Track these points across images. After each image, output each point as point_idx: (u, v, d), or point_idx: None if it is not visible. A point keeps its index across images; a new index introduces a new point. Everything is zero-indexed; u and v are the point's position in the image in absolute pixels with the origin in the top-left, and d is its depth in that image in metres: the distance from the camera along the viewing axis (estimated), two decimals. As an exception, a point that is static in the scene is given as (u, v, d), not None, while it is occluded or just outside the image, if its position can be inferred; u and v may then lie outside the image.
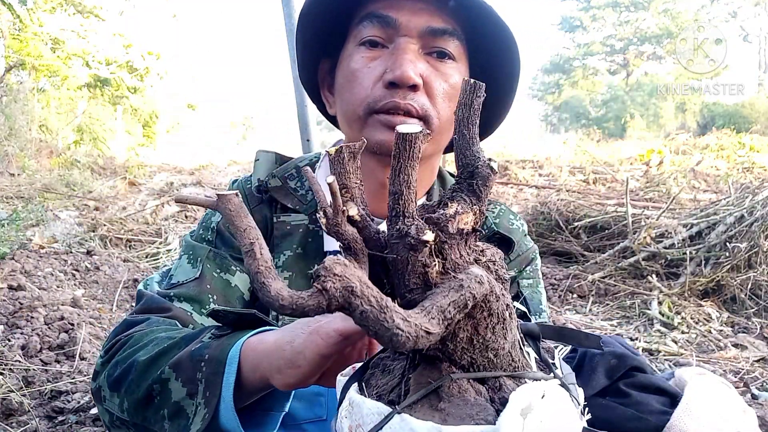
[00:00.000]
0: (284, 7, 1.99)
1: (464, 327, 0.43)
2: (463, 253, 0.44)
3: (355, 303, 0.38)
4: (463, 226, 0.44)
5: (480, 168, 0.45)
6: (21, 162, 8.57)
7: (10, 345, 2.36)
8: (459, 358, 0.45)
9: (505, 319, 0.45)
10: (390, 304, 0.38)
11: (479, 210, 0.45)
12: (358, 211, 0.46)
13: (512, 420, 0.38)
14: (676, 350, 2.77)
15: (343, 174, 0.48)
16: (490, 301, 0.43)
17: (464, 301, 0.39)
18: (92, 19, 12.94)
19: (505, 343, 0.45)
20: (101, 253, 4.24)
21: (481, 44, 0.93)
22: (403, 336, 0.36)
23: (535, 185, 7.54)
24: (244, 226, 0.43)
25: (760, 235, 3.46)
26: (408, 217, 0.44)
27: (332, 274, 0.38)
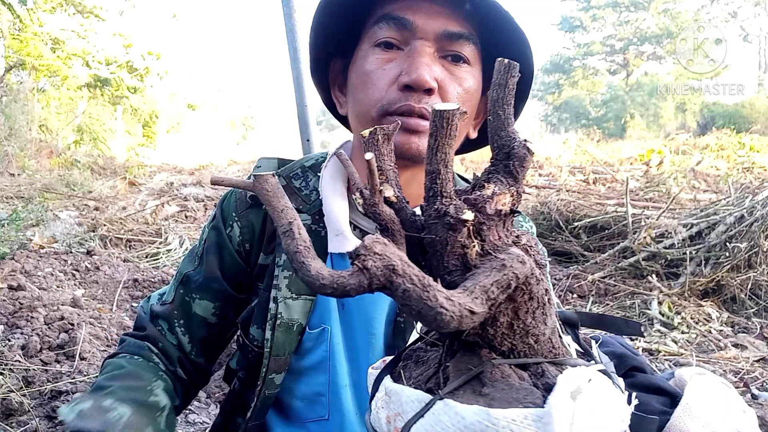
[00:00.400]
0: (284, 7, 1.98)
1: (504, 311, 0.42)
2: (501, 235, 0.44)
3: (397, 282, 0.37)
4: (501, 207, 0.43)
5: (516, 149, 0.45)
6: (21, 162, 8.57)
7: (10, 345, 2.36)
8: (499, 344, 0.44)
9: (544, 304, 0.44)
10: (432, 283, 0.37)
11: (516, 191, 0.44)
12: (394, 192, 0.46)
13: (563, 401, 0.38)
14: (676, 350, 2.77)
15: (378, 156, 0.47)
16: (531, 284, 0.42)
17: (507, 281, 0.38)
18: (92, 19, 12.94)
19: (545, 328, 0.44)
20: (101, 253, 4.24)
21: (497, 50, 0.91)
22: (448, 315, 0.35)
23: (535, 185, 7.54)
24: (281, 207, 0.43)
25: (760, 235, 3.46)
26: (446, 197, 0.43)
27: (372, 253, 0.37)
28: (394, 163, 0.49)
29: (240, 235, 0.99)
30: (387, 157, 0.48)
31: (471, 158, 9.81)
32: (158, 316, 1.02)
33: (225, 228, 1.00)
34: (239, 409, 1.02)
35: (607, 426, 0.39)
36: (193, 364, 1.02)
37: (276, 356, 0.92)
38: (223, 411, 1.07)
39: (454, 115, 0.42)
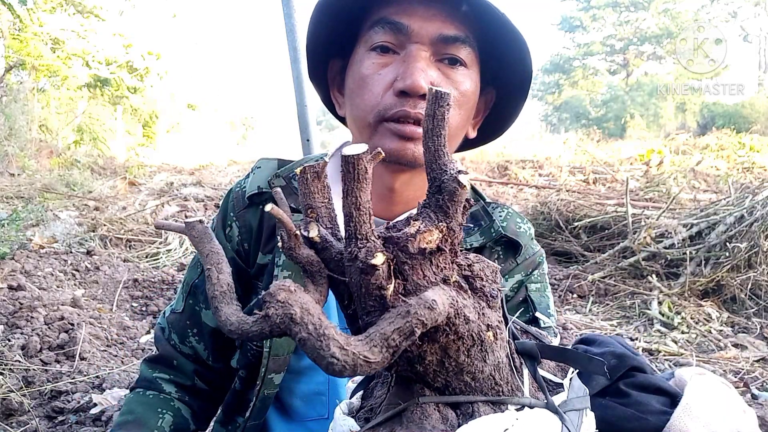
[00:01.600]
0: (284, 7, 1.98)
1: (430, 349, 0.41)
2: (427, 273, 0.42)
3: (294, 330, 0.38)
4: (426, 246, 0.41)
5: (446, 182, 0.43)
6: (21, 162, 8.57)
7: (10, 345, 2.36)
8: (432, 380, 0.43)
9: (483, 341, 0.42)
10: (329, 331, 0.37)
11: (447, 227, 0.42)
12: (318, 232, 0.45)
13: None
14: (676, 350, 2.77)
15: (308, 194, 0.47)
16: (456, 324, 0.41)
17: (410, 329, 0.37)
18: (92, 19, 12.93)
19: (484, 366, 0.43)
20: (101, 253, 4.24)
21: (494, 51, 0.92)
22: (339, 365, 0.36)
23: (535, 185, 7.54)
24: (206, 252, 0.44)
25: (760, 235, 3.46)
26: (360, 239, 0.42)
27: (275, 301, 0.39)
28: (327, 200, 0.48)
29: (239, 235, 0.99)
30: (318, 194, 0.47)
31: (471, 158, 9.82)
32: (171, 328, 1.04)
33: (224, 229, 1.01)
34: (239, 408, 1.02)
35: None
36: (212, 370, 1.03)
37: (275, 356, 0.93)
38: (224, 410, 1.07)
39: (359, 159, 0.42)
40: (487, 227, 0.99)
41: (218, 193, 7.19)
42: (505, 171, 9.09)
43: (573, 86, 31.35)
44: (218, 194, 7.10)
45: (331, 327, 0.38)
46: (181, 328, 1.02)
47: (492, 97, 1.02)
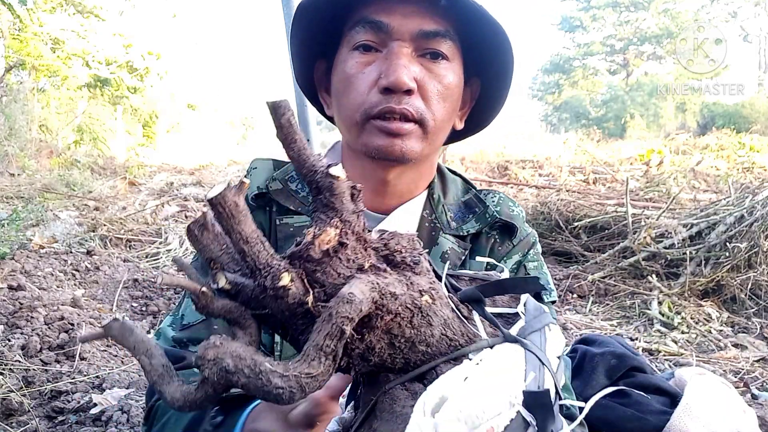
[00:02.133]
0: (284, 7, 1.98)
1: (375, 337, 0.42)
2: (340, 271, 0.42)
3: (233, 380, 0.38)
4: (327, 246, 0.42)
5: (320, 180, 0.43)
6: (21, 162, 8.57)
7: (10, 345, 2.36)
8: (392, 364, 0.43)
9: (421, 306, 0.43)
10: (265, 367, 0.38)
11: (340, 220, 0.42)
12: (226, 279, 0.45)
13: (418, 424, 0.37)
14: (676, 350, 2.77)
15: (203, 249, 0.46)
16: (385, 304, 0.41)
17: (338, 329, 0.37)
18: (92, 19, 12.93)
19: (432, 329, 0.43)
20: (101, 253, 4.24)
21: (474, 42, 0.94)
22: (286, 392, 0.37)
23: (535, 185, 7.54)
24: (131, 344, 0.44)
25: (760, 235, 3.46)
26: (262, 269, 0.42)
27: (206, 360, 0.39)
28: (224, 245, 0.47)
29: None
30: (213, 244, 0.46)
31: (471, 158, 9.82)
32: (189, 341, 0.94)
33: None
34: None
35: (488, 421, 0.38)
36: None
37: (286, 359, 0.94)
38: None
39: (225, 198, 0.42)
40: (482, 213, 1.03)
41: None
42: (505, 171, 9.09)
43: (573, 86, 31.35)
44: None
45: (265, 362, 0.38)
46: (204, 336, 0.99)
47: (477, 87, 1.03)
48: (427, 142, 0.91)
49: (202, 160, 11.93)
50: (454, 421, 0.37)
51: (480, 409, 0.38)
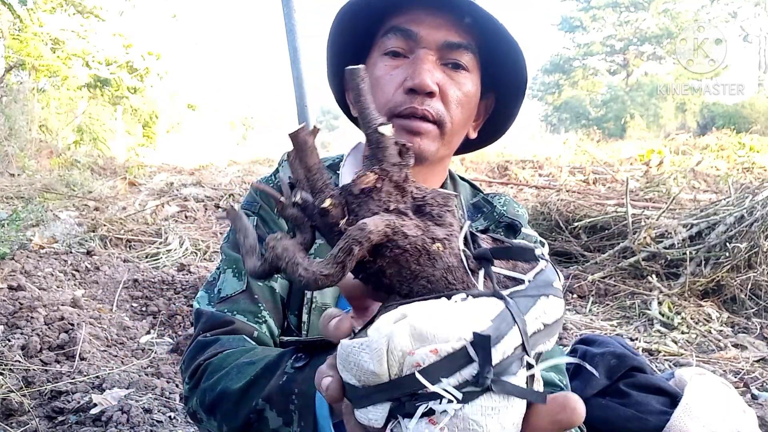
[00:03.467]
0: (284, 7, 1.99)
1: (386, 263, 0.53)
2: (372, 207, 0.53)
3: (280, 264, 0.53)
4: (365, 185, 0.53)
5: (371, 134, 0.54)
6: (21, 162, 8.57)
7: (10, 345, 2.36)
8: (399, 289, 0.54)
9: (428, 251, 0.53)
10: (298, 260, 0.52)
11: (380, 168, 0.53)
12: (300, 195, 0.58)
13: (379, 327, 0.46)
14: (676, 350, 2.77)
15: (293, 171, 0.60)
16: (395, 239, 0.51)
17: (348, 246, 0.49)
18: (92, 19, 12.94)
19: (434, 270, 0.53)
20: (101, 253, 4.24)
21: (493, 57, 1.02)
22: (304, 280, 0.50)
23: (535, 185, 7.55)
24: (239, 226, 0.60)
25: (760, 235, 3.46)
26: (317, 193, 0.56)
27: (268, 246, 0.54)
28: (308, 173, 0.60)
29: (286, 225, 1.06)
30: (300, 169, 0.60)
31: (471, 158, 9.82)
32: (232, 310, 0.97)
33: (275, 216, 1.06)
34: None
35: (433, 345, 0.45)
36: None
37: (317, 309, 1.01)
38: None
39: (298, 134, 0.56)
40: (490, 212, 1.13)
41: (218, 193, 7.20)
42: (505, 171, 9.09)
43: (573, 86, 31.35)
44: (218, 194, 7.10)
45: (299, 256, 0.52)
46: (248, 306, 0.98)
47: (492, 102, 1.12)
48: (443, 143, 0.99)
49: (202, 160, 11.93)
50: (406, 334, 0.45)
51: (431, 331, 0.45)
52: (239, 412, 0.80)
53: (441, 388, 0.45)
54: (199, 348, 0.93)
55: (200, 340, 0.94)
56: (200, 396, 0.86)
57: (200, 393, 0.86)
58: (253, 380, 0.80)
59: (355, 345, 0.48)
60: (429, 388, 0.45)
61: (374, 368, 0.46)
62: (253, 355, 0.86)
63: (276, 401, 0.76)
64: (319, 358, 0.75)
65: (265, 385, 0.78)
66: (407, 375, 0.46)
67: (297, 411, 0.74)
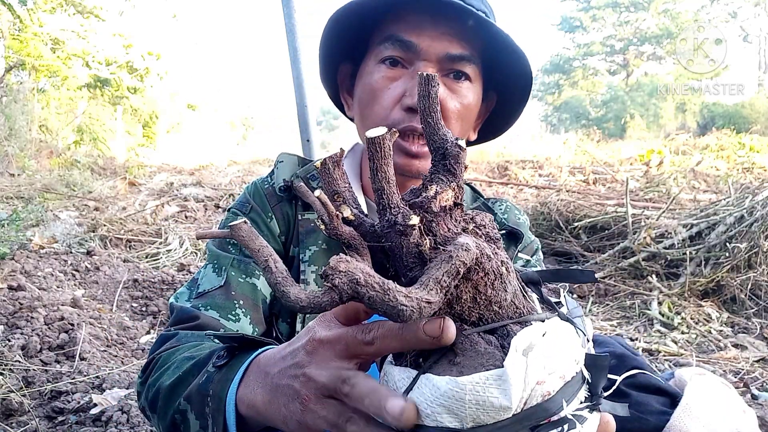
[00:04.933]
0: (284, 7, 1.98)
1: (465, 289, 0.49)
2: (450, 226, 0.50)
3: (362, 292, 0.44)
4: (445, 203, 0.49)
5: (450, 148, 0.50)
6: (21, 162, 8.57)
7: (10, 345, 2.36)
8: (468, 316, 0.50)
9: (501, 274, 0.50)
10: (392, 285, 0.44)
11: (456, 185, 0.50)
12: (351, 211, 0.52)
13: (515, 359, 0.44)
14: (676, 350, 2.77)
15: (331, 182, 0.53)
16: (482, 262, 0.48)
17: (456, 269, 0.45)
18: (92, 20, 12.93)
19: (506, 294, 0.50)
20: (101, 253, 4.24)
21: (496, 63, 1.00)
22: (408, 310, 0.43)
23: (535, 185, 7.54)
24: (257, 247, 0.50)
25: (760, 235, 3.46)
26: (393, 208, 0.49)
27: (338, 272, 0.44)
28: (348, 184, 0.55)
29: (278, 228, 1.03)
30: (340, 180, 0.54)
31: (471, 158, 9.81)
32: (203, 306, 0.94)
33: (266, 219, 1.03)
34: None
35: (560, 370, 0.45)
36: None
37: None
38: None
39: (383, 139, 0.49)
40: None
41: (218, 193, 7.19)
42: (505, 171, 9.09)
43: (573, 86, 31.34)
44: (218, 194, 7.10)
45: (391, 282, 0.44)
46: (222, 302, 0.94)
47: (493, 102, 1.09)
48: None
49: (202, 160, 11.93)
50: (539, 365, 0.44)
51: (556, 360, 0.45)
52: (168, 410, 0.76)
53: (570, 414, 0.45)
54: (159, 342, 0.90)
55: (162, 334, 0.92)
56: (146, 392, 0.83)
57: (146, 389, 0.83)
58: (182, 377, 0.76)
59: (479, 380, 0.43)
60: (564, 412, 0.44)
61: (508, 403, 0.43)
62: (197, 350, 0.82)
63: (194, 402, 0.72)
64: (239, 357, 0.69)
65: (190, 382, 0.74)
66: (534, 406, 0.44)
67: (211, 415, 0.69)
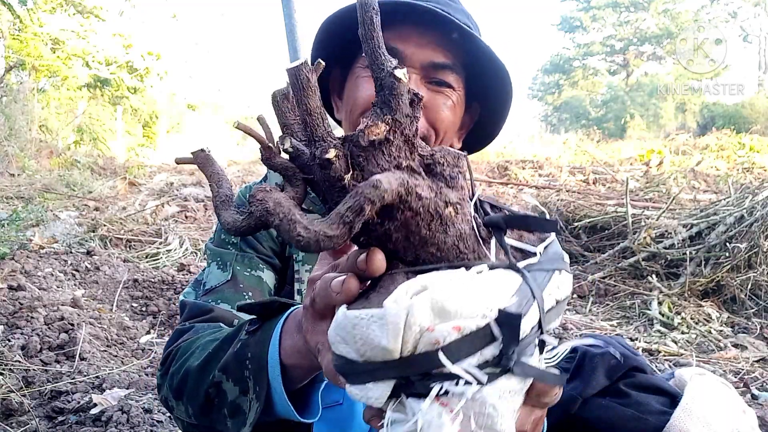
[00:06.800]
0: (284, 7, 1.99)
1: (394, 227, 0.47)
2: (380, 162, 0.48)
3: (270, 219, 0.46)
4: (374, 137, 0.47)
5: (385, 78, 0.47)
6: (21, 162, 8.57)
7: (10, 345, 2.36)
8: (403, 255, 0.49)
9: (441, 215, 0.48)
10: (296, 217, 0.45)
11: (392, 119, 0.47)
12: (290, 143, 0.51)
13: (397, 300, 0.41)
14: (676, 350, 2.77)
15: (281, 114, 0.54)
16: (408, 201, 0.46)
17: (359, 205, 0.43)
18: (92, 20, 12.94)
19: (446, 237, 0.48)
20: (101, 253, 4.24)
21: (478, 73, 1.04)
22: (304, 240, 0.44)
23: (535, 185, 7.54)
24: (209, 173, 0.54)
25: (760, 235, 3.46)
26: (317, 141, 0.49)
27: (255, 199, 0.48)
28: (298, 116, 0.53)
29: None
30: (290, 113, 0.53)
31: (471, 159, 9.80)
32: (216, 300, 0.97)
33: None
34: None
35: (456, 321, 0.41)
36: None
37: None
38: None
39: (300, 70, 0.48)
40: None
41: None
42: (505, 171, 9.09)
43: (573, 86, 31.35)
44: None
45: (296, 213, 0.45)
46: (232, 295, 0.97)
47: (477, 112, 1.12)
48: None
49: (202, 161, 11.91)
50: (426, 308, 0.41)
51: (454, 307, 0.41)
52: (199, 388, 0.78)
53: (463, 369, 0.41)
54: (176, 337, 0.92)
55: (177, 329, 0.94)
56: (169, 381, 0.85)
57: (169, 378, 0.85)
58: (212, 354, 0.78)
59: (363, 316, 0.43)
60: (450, 369, 0.40)
61: (386, 343, 0.41)
62: (220, 333, 0.84)
63: (231, 370, 0.74)
64: (271, 321, 0.72)
65: (222, 357, 0.76)
66: (423, 352, 0.41)
67: (251, 376, 0.71)
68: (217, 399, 0.75)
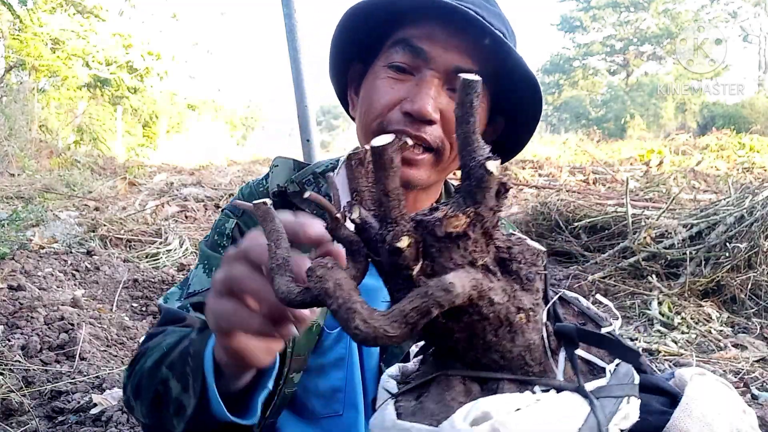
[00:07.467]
0: (284, 7, 1.98)
1: (457, 328, 0.44)
2: (454, 257, 0.44)
3: (327, 302, 0.43)
4: (452, 230, 0.43)
5: (474, 168, 0.44)
6: (21, 162, 8.57)
7: (10, 345, 2.36)
8: (462, 355, 0.46)
9: (511, 322, 0.44)
10: (356, 306, 0.42)
11: (475, 212, 0.44)
12: (359, 214, 0.48)
13: (453, 426, 0.39)
14: (676, 350, 2.77)
15: (353, 179, 0.50)
16: (480, 306, 0.43)
17: (426, 308, 0.40)
18: (92, 19, 12.94)
19: (513, 346, 0.45)
20: (101, 253, 4.24)
21: (508, 90, 0.96)
22: (361, 335, 0.41)
23: (535, 185, 7.54)
24: (269, 229, 0.51)
25: (760, 235, 3.46)
26: (390, 223, 0.45)
27: (315, 275, 0.45)
28: (371, 184, 0.50)
29: None
30: (362, 179, 0.50)
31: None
32: (194, 307, 0.94)
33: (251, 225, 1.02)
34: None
35: None
36: None
37: (297, 356, 0.95)
38: None
39: (386, 150, 0.45)
40: None
41: (218, 193, 7.19)
42: (505, 171, 9.09)
43: (573, 86, 31.35)
44: (218, 194, 7.10)
45: (357, 302, 0.42)
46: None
47: (500, 127, 1.06)
48: (437, 170, 0.94)
49: (202, 160, 11.93)
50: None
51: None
52: (150, 387, 0.77)
53: None
54: (146, 339, 0.91)
55: (148, 332, 0.93)
56: (131, 381, 0.84)
57: (132, 378, 0.84)
58: (166, 353, 0.77)
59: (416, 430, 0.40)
60: None
61: None
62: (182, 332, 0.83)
63: (177, 367, 0.73)
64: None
65: (172, 356, 0.75)
66: None
67: (191, 374, 0.69)
68: (165, 396, 0.74)
